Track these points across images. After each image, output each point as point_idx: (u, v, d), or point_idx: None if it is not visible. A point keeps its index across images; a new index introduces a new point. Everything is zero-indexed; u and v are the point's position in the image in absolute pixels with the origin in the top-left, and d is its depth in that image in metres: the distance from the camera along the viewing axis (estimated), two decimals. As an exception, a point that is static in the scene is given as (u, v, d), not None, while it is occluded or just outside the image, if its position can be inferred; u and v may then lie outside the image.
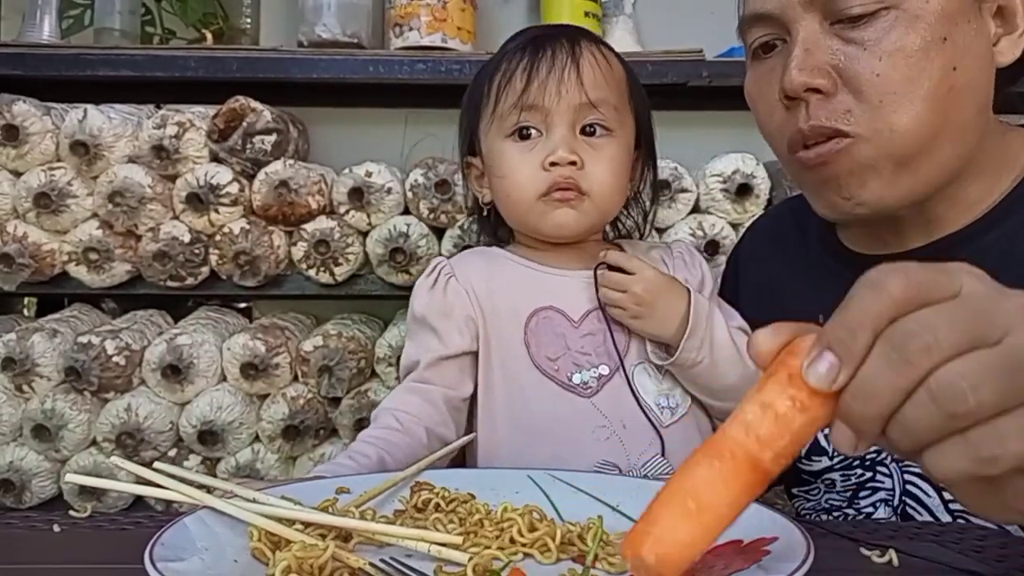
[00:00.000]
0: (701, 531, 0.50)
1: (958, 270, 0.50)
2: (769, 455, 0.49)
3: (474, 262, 1.15)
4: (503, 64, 1.10)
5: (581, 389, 1.05)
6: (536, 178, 1.06)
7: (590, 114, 1.07)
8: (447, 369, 1.09)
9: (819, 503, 1.05)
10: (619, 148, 1.09)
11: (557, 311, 1.09)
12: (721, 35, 1.78)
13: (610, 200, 1.10)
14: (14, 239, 1.65)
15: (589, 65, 1.07)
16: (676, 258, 1.17)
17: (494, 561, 0.67)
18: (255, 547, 0.67)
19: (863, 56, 0.86)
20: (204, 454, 1.65)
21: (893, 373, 0.47)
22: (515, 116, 1.07)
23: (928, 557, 0.67)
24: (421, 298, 1.12)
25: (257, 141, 1.66)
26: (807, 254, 1.09)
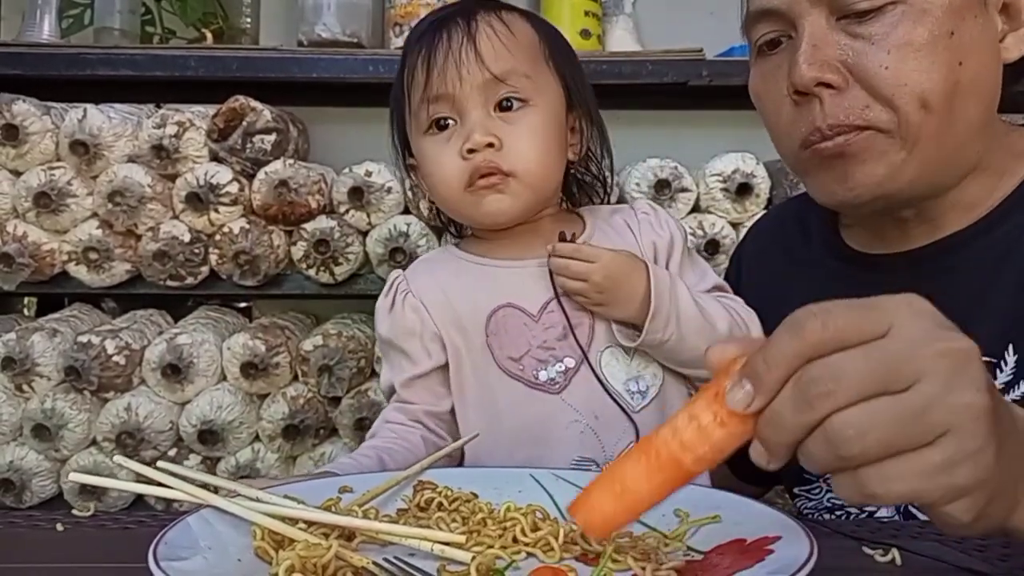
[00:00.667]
0: (623, 509, 0.59)
1: (895, 307, 0.52)
2: (690, 458, 0.56)
3: (428, 271, 1.12)
4: (407, 59, 1.06)
5: (549, 386, 1.02)
6: (457, 169, 1.01)
7: (500, 89, 1.01)
8: (422, 387, 1.07)
9: (821, 502, 1.05)
10: (541, 116, 1.03)
11: (515, 307, 1.05)
12: (721, 35, 1.79)
13: (540, 174, 1.04)
14: (14, 239, 1.65)
15: (487, 38, 1.01)
16: (642, 220, 1.11)
17: (497, 560, 0.67)
18: (258, 546, 0.67)
19: (871, 51, 0.86)
20: (204, 454, 1.65)
21: (797, 412, 0.51)
22: (425, 110, 1.03)
23: (931, 556, 0.67)
24: (383, 321, 1.10)
25: (257, 140, 1.66)
26: (809, 253, 1.09)
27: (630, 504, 0.59)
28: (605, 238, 1.08)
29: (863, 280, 1.00)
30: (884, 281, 0.97)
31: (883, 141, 0.88)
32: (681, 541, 0.71)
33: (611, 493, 0.59)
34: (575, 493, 0.79)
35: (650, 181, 1.67)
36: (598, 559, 0.68)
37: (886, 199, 0.92)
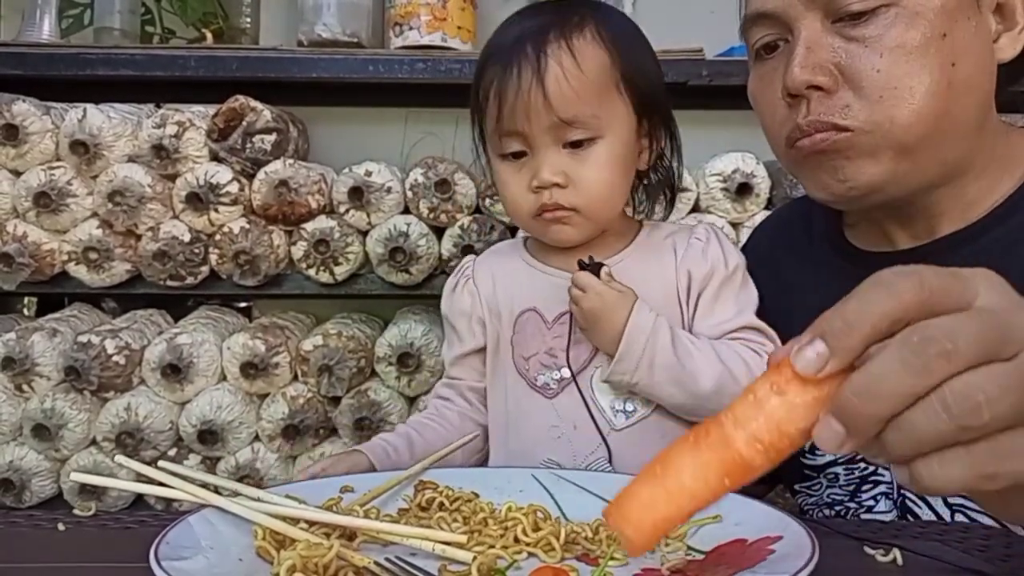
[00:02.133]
0: (663, 495, 0.50)
1: (974, 277, 0.49)
2: (741, 434, 0.49)
3: (492, 261, 1.18)
4: (483, 78, 1.07)
5: (544, 390, 1.07)
6: (526, 199, 1.05)
7: (568, 131, 1.02)
8: (468, 365, 1.15)
9: (821, 498, 1.05)
10: (610, 148, 1.05)
11: (536, 312, 1.10)
12: (721, 34, 1.78)
13: (605, 207, 1.07)
14: (14, 238, 1.65)
15: (555, 79, 1.01)
16: (691, 246, 1.10)
17: (498, 560, 0.67)
18: (260, 546, 0.67)
19: (864, 53, 0.87)
20: (204, 453, 1.65)
21: (908, 376, 0.45)
22: (498, 139, 1.06)
23: (932, 556, 0.67)
24: (445, 299, 1.18)
25: (257, 140, 1.66)
26: (813, 252, 1.10)
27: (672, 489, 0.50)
28: (640, 261, 1.10)
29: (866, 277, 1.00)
30: None
31: (866, 142, 0.89)
32: (682, 541, 0.71)
33: (650, 476, 0.51)
34: (578, 493, 0.80)
35: (650, 181, 1.67)
36: (599, 559, 0.68)
37: (882, 194, 0.92)
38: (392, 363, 1.67)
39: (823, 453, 1.02)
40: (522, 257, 1.15)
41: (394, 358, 1.67)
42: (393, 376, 1.68)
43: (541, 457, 1.05)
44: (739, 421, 0.49)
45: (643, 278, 1.07)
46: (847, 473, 1.01)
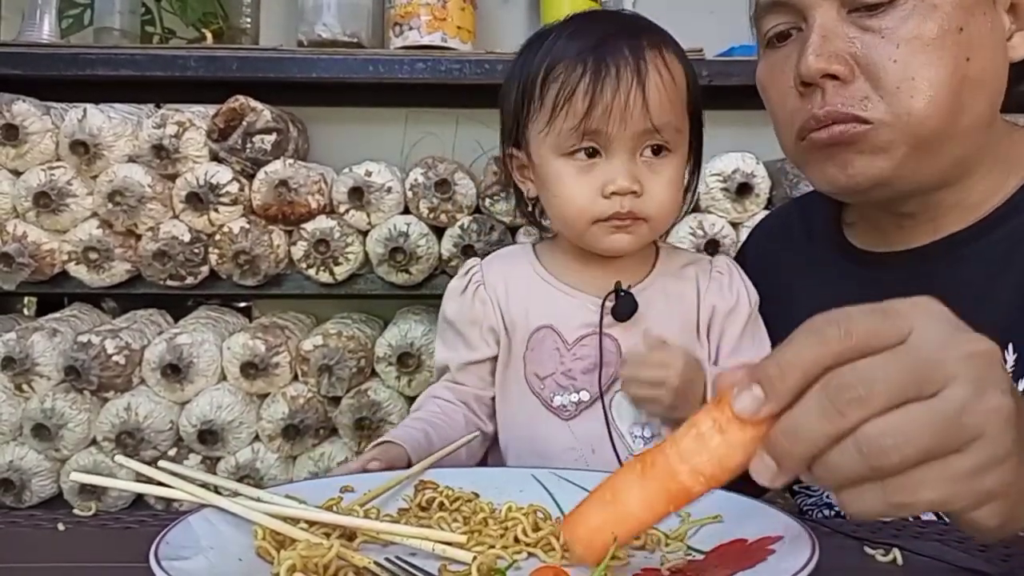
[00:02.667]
0: (612, 519, 0.56)
1: (911, 312, 0.51)
2: (686, 468, 0.54)
3: (503, 270, 1.14)
4: (560, 72, 1.02)
5: (560, 411, 1.06)
6: (594, 205, 1.03)
7: (653, 138, 1.02)
8: (475, 373, 1.12)
9: (821, 498, 1.05)
10: (679, 164, 1.07)
11: (554, 331, 1.08)
12: (721, 34, 1.79)
13: (667, 221, 1.08)
14: (14, 238, 1.65)
15: (655, 87, 1.01)
16: (713, 279, 1.11)
17: (498, 560, 0.67)
18: (260, 546, 0.67)
19: (880, 44, 0.87)
20: (204, 453, 1.65)
21: (824, 420, 0.49)
22: (574, 139, 1.02)
23: (932, 556, 0.67)
24: (452, 302, 1.14)
25: (257, 140, 1.66)
26: (813, 252, 1.10)
27: (620, 514, 0.56)
28: (662, 289, 1.10)
29: (867, 277, 1.01)
30: (887, 279, 0.98)
31: (882, 134, 0.88)
32: (682, 541, 0.71)
33: (599, 502, 0.57)
34: (577, 493, 0.80)
35: (650, 181, 1.67)
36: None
37: (888, 188, 0.92)
38: (392, 363, 1.67)
39: None
40: (535, 270, 1.13)
41: (394, 358, 1.67)
42: (393, 376, 1.68)
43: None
44: (683, 456, 0.54)
45: (666, 307, 1.08)
46: None
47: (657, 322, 1.07)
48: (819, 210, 1.10)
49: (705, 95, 1.80)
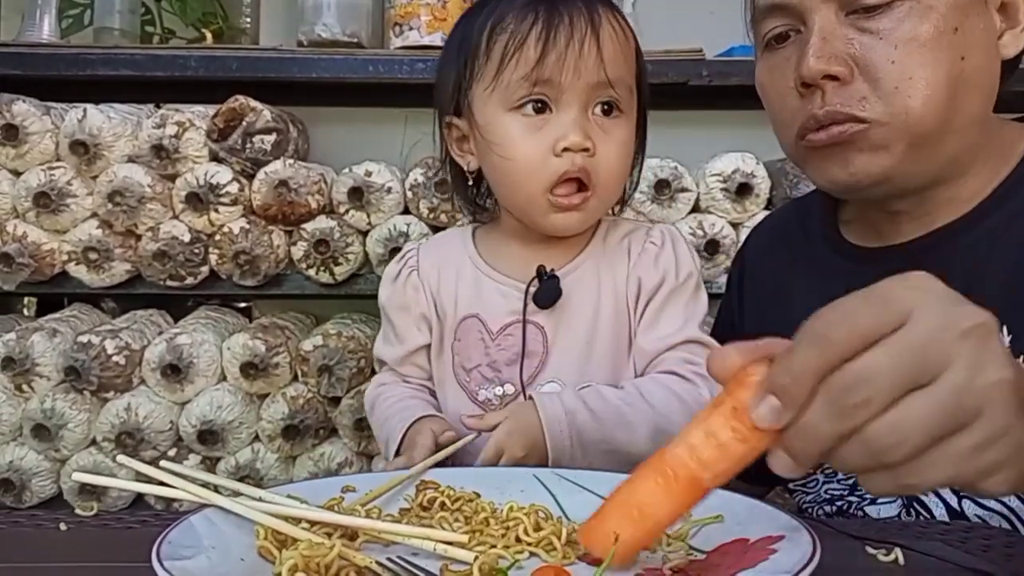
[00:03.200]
0: (643, 534, 0.60)
1: (909, 294, 0.53)
2: (708, 475, 0.56)
3: (437, 255, 1.11)
4: (510, 23, 0.98)
5: (486, 406, 1.03)
6: (545, 165, 0.97)
7: (606, 93, 0.98)
8: (412, 364, 1.10)
9: (819, 495, 1.05)
10: (629, 131, 1.02)
11: (479, 320, 1.04)
12: (721, 34, 1.79)
13: (615, 193, 1.04)
14: (14, 239, 1.65)
15: (610, 38, 0.97)
16: (645, 251, 1.06)
17: (500, 560, 0.67)
18: (261, 545, 0.67)
19: (879, 45, 0.89)
20: (204, 454, 1.65)
21: (831, 423, 0.51)
22: (525, 89, 0.97)
23: (934, 555, 0.67)
24: (385, 287, 1.12)
25: (257, 140, 1.66)
26: (810, 250, 1.11)
27: (650, 528, 0.60)
28: (593, 270, 1.06)
29: (860, 272, 1.01)
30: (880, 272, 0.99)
31: (879, 133, 0.90)
32: (683, 541, 0.71)
33: (629, 519, 0.59)
34: (578, 493, 0.80)
35: (650, 181, 1.67)
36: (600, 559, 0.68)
37: (888, 185, 0.93)
38: (392, 363, 1.67)
39: None
40: (468, 254, 1.10)
41: (394, 358, 1.67)
42: (393, 376, 1.68)
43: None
44: (706, 465, 0.56)
45: (598, 287, 1.04)
46: None
47: (589, 302, 1.03)
48: (816, 210, 1.12)
49: (705, 95, 1.83)
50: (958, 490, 0.92)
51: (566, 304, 1.03)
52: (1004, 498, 0.89)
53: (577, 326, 1.03)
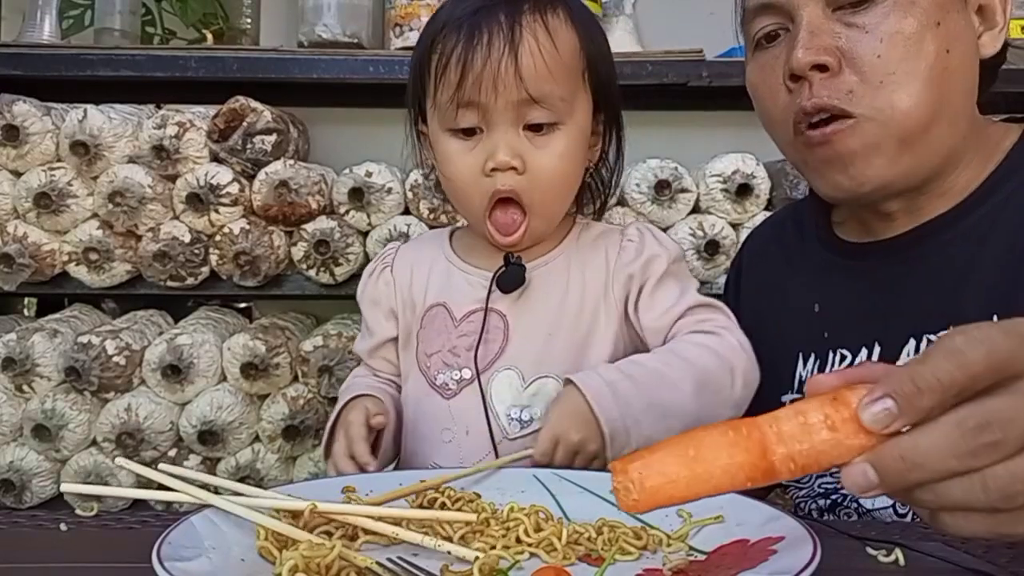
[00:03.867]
0: (687, 476, 0.54)
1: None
2: (782, 451, 0.52)
3: (413, 251, 1.14)
4: (439, 42, 0.99)
5: (443, 390, 1.03)
6: (478, 184, 0.99)
7: (533, 110, 0.96)
8: (381, 357, 1.12)
9: (813, 489, 1.06)
10: (569, 139, 1.00)
11: (444, 308, 1.06)
12: (721, 35, 1.78)
13: (557, 204, 1.03)
14: (14, 239, 1.65)
15: (529, 53, 0.95)
16: (624, 249, 1.06)
17: (500, 561, 0.67)
18: (262, 546, 0.67)
19: (865, 39, 0.91)
20: (204, 454, 1.65)
21: (954, 459, 0.49)
22: (453, 111, 0.98)
23: (935, 556, 0.67)
24: (361, 283, 1.14)
25: (257, 141, 1.66)
26: (804, 250, 1.14)
27: (698, 474, 0.54)
28: (565, 265, 1.06)
29: (854, 268, 1.06)
30: (872, 267, 1.03)
31: (871, 131, 0.92)
32: (684, 541, 0.71)
33: (680, 454, 0.54)
34: (579, 494, 0.80)
35: (650, 182, 1.67)
36: (601, 560, 0.68)
37: (889, 189, 0.96)
38: (392, 364, 1.67)
39: None
40: (443, 251, 1.11)
41: (394, 359, 1.67)
42: (393, 377, 1.68)
43: (429, 461, 1.02)
44: (783, 438, 0.52)
45: (567, 282, 1.05)
46: None
47: (555, 295, 1.04)
48: (810, 212, 1.14)
49: (705, 96, 1.83)
50: None
51: (531, 294, 1.04)
52: None
53: (540, 317, 1.03)
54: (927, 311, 0.96)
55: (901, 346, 0.97)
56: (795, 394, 1.05)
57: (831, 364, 1.04)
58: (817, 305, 1.06)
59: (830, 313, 1.05)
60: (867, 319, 1.01)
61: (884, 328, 0.99)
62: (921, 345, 0.97)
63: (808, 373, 1.06)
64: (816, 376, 0.55)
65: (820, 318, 1.05)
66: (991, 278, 0.93)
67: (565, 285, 1.05)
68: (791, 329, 1.07)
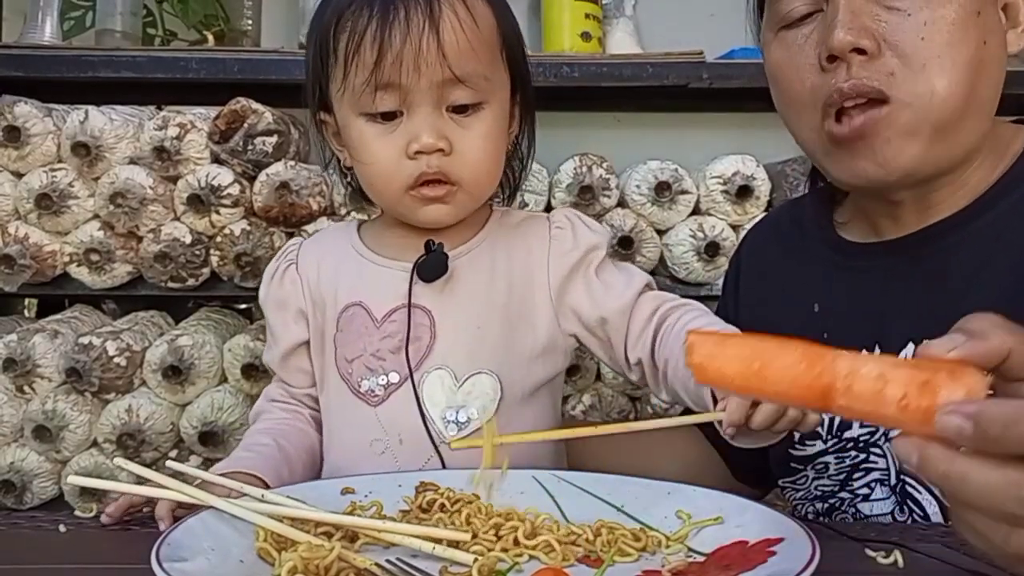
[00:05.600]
0: (745, 375, 0.55)
1: None
2: (843, 400, 0.53)
3: (318, 247, 1.06)
4: (347, 20, 0.92)
5: (368, 397, 0.96)
6: (400, 168, 0.93)
7: (457, 90, 0.92)
8: (293, 366, 1.04)
9: (809, 491, 1.06)
10: (494, 118, 0.95)
11: (363, 308, 0.99)
12: (721, 37, 1.79)
13: (485, 182, 0.98)
14: (15, 240, 1.65)
15: (451, 29, 0.90)
16: (555, 237, 1.01)
17: (499, 562, 0.67)
18: (261, 547, 0.67)
19: (907, 22, 0.89)
20: (205, 455, 1.65)
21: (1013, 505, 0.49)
22: (369, 96, 0.91)
23: (934, 557, 0.67)
24: (264, 285, 1.06)
25: (258, 142, 1.66)
26: (807, 248, 1.12)
27: (752, 384, 0.56)
28: (489, 251, 1.01)
29: (859, 268, 1.04)
30: (880, 266, 1.02)
31: (907, 117, 0.90)
32: (683, 543, 0.71)
33: (743, 364, 0.56)
34: (579, 495, 0.80)
35: (650, 183, 1.67)
36: (600, 562, 0.68)
37: (913, 176, 0.94)
38: (393, 365, 1.67)
39: (812, 443, 1.03)
40: (352, 244, 1.04)
41: (395, 360, 1.67)
42: (394, 378, 1.68)
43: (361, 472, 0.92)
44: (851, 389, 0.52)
45: (491, 270, 1.00)
46: (838, 462, 1.01)
47: (481, 285, 0.99)
48: (810, 211, 1.12)
49: (705, 97, 1.83)
50: None
51: (455, 287, 0.98)
52: None
53: (467, 310, 0.98)
54: (928, 314, 0.95)
55: (899, 349, 0.96)
56: None
57: None
58: (817, 305, 1.05)
59: (830, 313, 1.04)
60: (867, 320, 1.00)
61: (884, 330, 0.98)
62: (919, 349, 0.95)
63: None
64: (937, 341, 0.55)
65: (820, 318, 1.04)
66: (999, 284, 0.91)
67: (490, 273, 0.99)
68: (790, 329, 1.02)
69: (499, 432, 0.88)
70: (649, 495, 0.78)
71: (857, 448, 1.00)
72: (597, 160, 1.67)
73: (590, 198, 1.66)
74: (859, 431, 0.99)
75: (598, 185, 1.66)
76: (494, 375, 0.96)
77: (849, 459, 1.00)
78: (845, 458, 1.01)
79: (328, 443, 1.01)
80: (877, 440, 0.98)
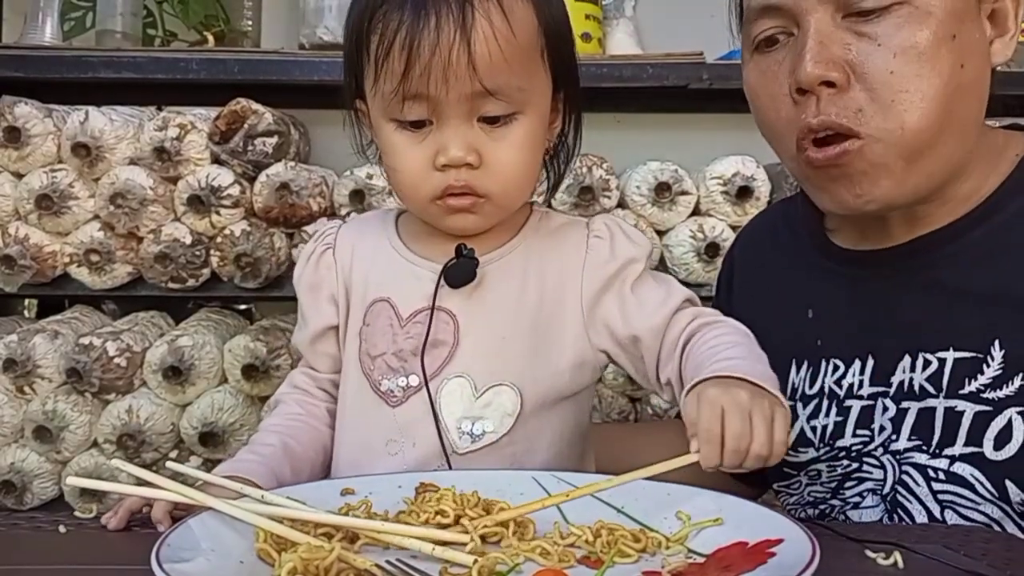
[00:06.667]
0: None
1: None
2: None
3: (357, 234, 1.02)
4: (379, 21, 0.87)
5: (387, 397, 0.94)
6: (428, 179, 0.90)
7: (488, 103, 0.87)
8: (321, 351, 1.01)
9: (802, 496, 1.06)
10: (528, 127, 0.91)
11: (390, 304, 0.96)
12: (721, 38, 1.77)
13: (515, 194, 0.94)
14: (16, 241, 1.65)
15: (484, 40, 0.85)
16: (593, 247, 0.97)
17: (499, 564, 0.67)
18: (261, 548, 0.67)
19: (877, 52, 0.87)
20: (205, 456, 1.65)
21: None
22: (397, 105, 0.88)
23: (933, 558, 0.67)
24: (298, 266, 1.03)
25: (258, 143, 1.66)
26: (798, 251, 1.11)
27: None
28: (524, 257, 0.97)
29: (850, 276, 1.03)
30: (869, 277, 1.01)
31: (878, 152, 0.89)
32: (683, 544, 0.71)
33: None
34: (577, 496, 0.80)
35: (650, 184, 1.67)
36: (600, 563, 0.68)
37: (893, 205, 0.93)
38: (393, 366, 1.67)
39: (805, 450, 1.03)
40: (388, 237, 1.00)
41: (395, 361, 1.67)
42: (394, 379, 1.68)
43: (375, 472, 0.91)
44: None
45: (523, 279, 0.96)
46: (829, 470, 1.01)
47: (511, 294, 0.95)
48: (802, 214, 1.11)
49: (705, 98, 1.82)
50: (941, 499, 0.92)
51: (483, 294, 0.94)
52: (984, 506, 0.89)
53: (493, 319, 0.94)
54: (923, 327, 0.94)
55: (896, 361, 0.95)
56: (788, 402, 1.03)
57: (824, 373, 1.02)
58: (810, 310, 1.04)
59: (823, 320, 1.03)
60: (861, 330, 0.99)
61: (878, 341, 0.97)
62: (917, 363, 0.94)
63: (801, 381, 1.04)
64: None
65: (813, 324, 1.03)
66: (994, 298, 0.91)
67: (521, 282, 0.96)
68: (784, 334, 1.02)
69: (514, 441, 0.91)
70: (649, 496, 0.78)
71: (849, 457, 0.99)
72: (597, 161, 1.67)
73: (590, 199, 1.66)
74: (851, 440, 0.99)
75: (598, 186, 1.66)
76: (515, 388, 0.93)
77: (841, 467, 1.00)
78: (837, 466, 1.00)
79: (339, 438, 0.99)
80: (872, 450, 0.98)
